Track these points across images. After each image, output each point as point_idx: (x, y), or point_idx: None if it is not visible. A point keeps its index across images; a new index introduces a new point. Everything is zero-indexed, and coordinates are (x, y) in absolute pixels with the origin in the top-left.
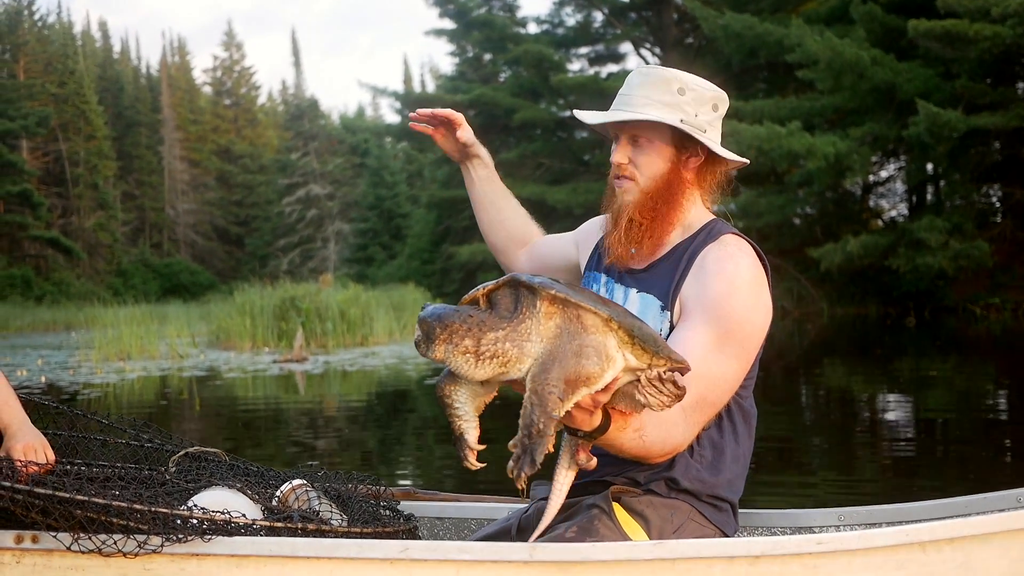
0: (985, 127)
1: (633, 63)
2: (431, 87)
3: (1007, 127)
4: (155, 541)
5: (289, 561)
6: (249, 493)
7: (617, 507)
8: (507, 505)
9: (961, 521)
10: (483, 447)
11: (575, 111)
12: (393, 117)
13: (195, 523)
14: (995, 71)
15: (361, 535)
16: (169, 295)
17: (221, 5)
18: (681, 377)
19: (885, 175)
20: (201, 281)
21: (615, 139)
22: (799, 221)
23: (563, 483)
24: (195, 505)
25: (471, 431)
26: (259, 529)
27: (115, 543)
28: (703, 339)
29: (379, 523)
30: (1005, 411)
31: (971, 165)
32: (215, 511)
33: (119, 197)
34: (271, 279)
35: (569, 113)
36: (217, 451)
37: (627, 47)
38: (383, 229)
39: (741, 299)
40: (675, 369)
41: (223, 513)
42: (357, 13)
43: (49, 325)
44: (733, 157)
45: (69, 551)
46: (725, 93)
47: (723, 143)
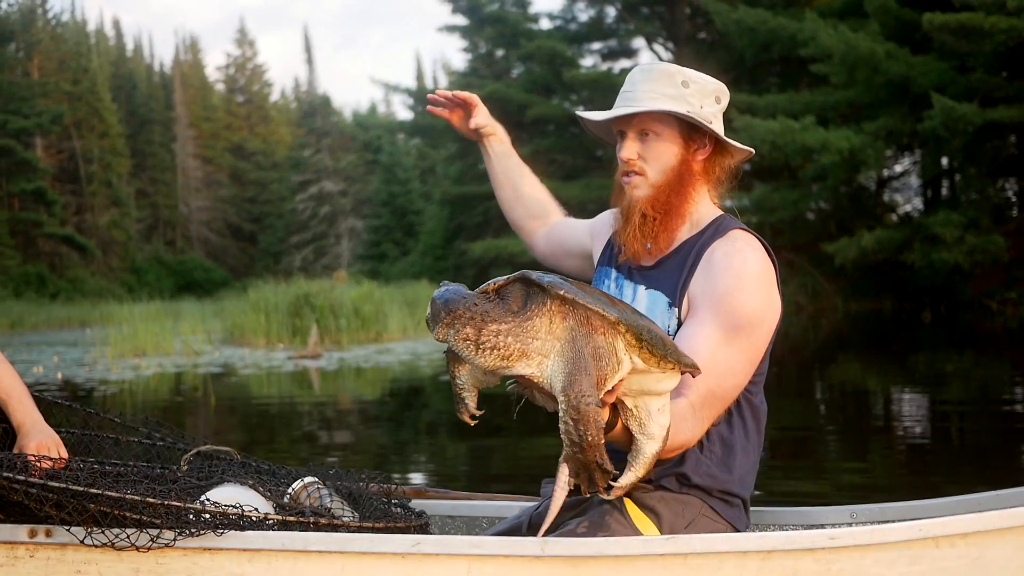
0: (1001, 120)
1: (646, 58)
2: (443, 83)
3: (1023, 120)
4: (167, 535)
5: (301, 555)
6: (261, 490)
7: (628, 502)
8: (518, 503)
9: (974, 516)
10: (481, 412)
11: (578, 112)
12: (406, 113)
13: (207, 517)
14: (1011, 64)
15: (372, 530)
16: (183, 292)
17: (233, 2)
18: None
19: (900, 169)
20: (215, 278)
21: (620, 136)
22: (813, 216)
23: (566, 479)
24: (207, 499)
25: (471, 399)
26: (271, 524)
27: (128, 537)
28: (711, 334)
29: (390, 519)
30: (1022, 406)
31: (987, 159)
32: (227, 505)
33: (133, 194)
34: (285, 276)
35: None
36: (229, 449)
37: (640, 42)
38: (396, 226)
39: (749, 294)
40: (684, 372)
41: (235, 507)
42: (369, 9)
43: (64, 322)
44: (740, 146)
45: (82, 545)
46: (725, 86)
47: (735, 137)
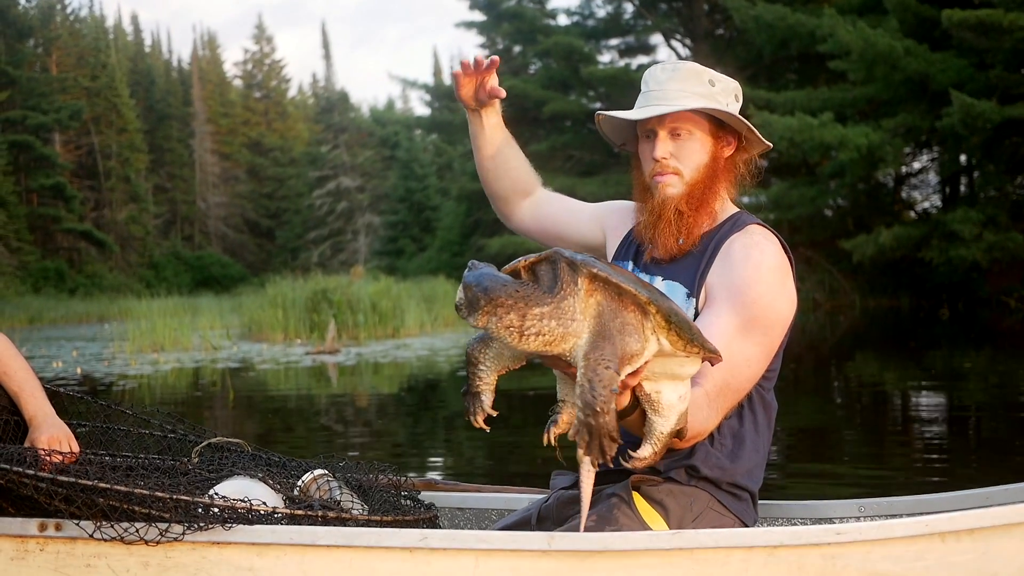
0: (1020, 117)
1: (663, 55)
2: None
3: None
4: (176, 529)
5: (309, 549)
6: (270, 482)
7: (636, 496)
8: (527, 496)
9: (981, 512)
10: (495, 413)
11: (603, 111)
12: (423, 109)
13: (216, 511)
14: None
15: (381, 524)
16: (201, 287)
17: None
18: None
19: (918, 166)
20: (232, 274)
21: (649, 136)
22: (831, 213)
23: (589, 467)
24: (216, 493)
25: (488, 394)
26: (280, 517)
27: (137, 531)
28: (728, 325)
29: (399, 512)
30: None
31: (1005, 156)
32: (236, 499)
33: (151, 190)
34: (302, 271)
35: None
36: (240, 441)
37: (657, 39)
38: (413, 221)
39: (766, 286)
40: (707, 359)
41: (244, 501)
42: (387, 5)
43: (82, 317)
44: (766, 142)
45: (92, 539)
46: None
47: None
